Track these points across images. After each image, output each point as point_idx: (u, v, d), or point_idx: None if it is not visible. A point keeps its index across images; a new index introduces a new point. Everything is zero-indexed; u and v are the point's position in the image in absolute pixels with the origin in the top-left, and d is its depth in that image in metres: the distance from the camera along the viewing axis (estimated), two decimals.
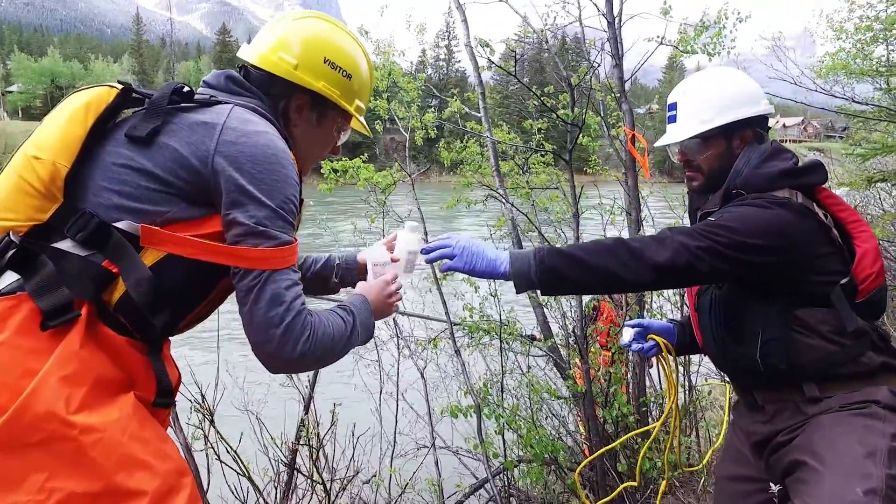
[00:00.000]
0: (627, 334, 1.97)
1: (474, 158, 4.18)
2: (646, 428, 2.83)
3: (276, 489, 2.70)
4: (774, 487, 1.59)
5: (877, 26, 6.55)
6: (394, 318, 3.71)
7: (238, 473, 2.57)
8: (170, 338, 1.27)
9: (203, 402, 2.55)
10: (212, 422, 2.50)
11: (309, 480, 2.74)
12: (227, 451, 2.54)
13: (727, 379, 2.00)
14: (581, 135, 3.67)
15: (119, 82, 1.22)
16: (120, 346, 1.12)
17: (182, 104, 1.21)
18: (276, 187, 1.16)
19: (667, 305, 4.24)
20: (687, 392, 3.71)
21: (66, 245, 1.10)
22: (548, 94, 3.85)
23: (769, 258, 1.50)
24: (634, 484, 2.31)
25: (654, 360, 2.03)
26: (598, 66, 3.58)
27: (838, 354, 1.50)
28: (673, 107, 1.79)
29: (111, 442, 1.02)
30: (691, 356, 3.67)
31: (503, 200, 3.79)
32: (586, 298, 3.96)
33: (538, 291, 1.88)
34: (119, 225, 1.11)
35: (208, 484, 2.44)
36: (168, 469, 1.08)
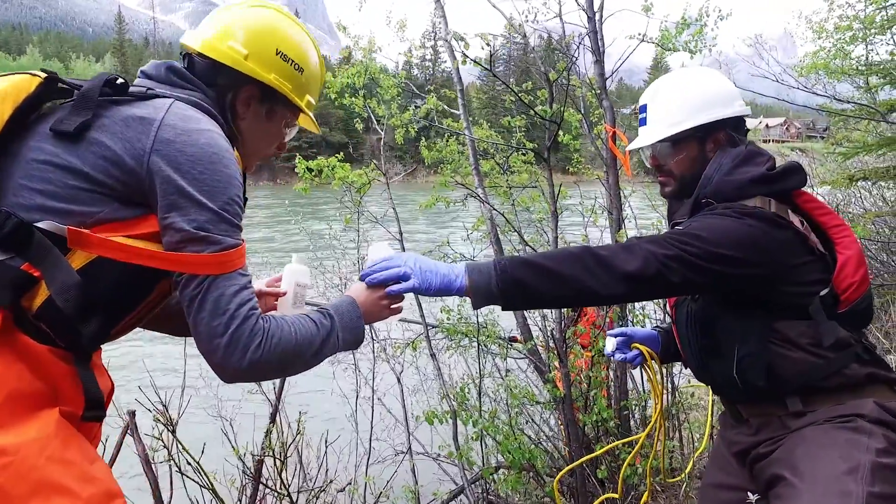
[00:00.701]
0: (611, 344, 1.89)
1: (454, 157, 4.10)
2: (630, 438, 2.76)
3: (241, 502, 2.59)
4: (752, 497, 1.53)
5: (856, 26, 6.58)
6: None
7: (201, 486, 2.46)
8: (101, 346, 1.17)
9: (166, 411, 2.43)
10: (173, 432, 2.39)
11: (274, 493, 2.63)
12: (189, 463, 2.43)
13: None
14: (562, 133, 3.60)
15: (43, 70, 1.12)
16: (41, 356, 1.01)
17: (115, 97, 1.12)
18: (217, 188, 1.08)
19: (649, 305, 4.17)
20: (669, 394, 3.65)
21: None
22: (525, 90, 3.78)
23: (741, 270, 1.41)
24: (616, 496, 2.23)
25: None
26: (577, 59, 3.52)
27: (821, 367, 1.43)
28: (644, 109, 1.70)
29: (24, 466, 0.91)
30: None
31: (482, 200, 3.71)
32: None
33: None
34: (42, 225, 1.02)
35: (170, 497, 2.33)
36: (92, 493, 0.98)
